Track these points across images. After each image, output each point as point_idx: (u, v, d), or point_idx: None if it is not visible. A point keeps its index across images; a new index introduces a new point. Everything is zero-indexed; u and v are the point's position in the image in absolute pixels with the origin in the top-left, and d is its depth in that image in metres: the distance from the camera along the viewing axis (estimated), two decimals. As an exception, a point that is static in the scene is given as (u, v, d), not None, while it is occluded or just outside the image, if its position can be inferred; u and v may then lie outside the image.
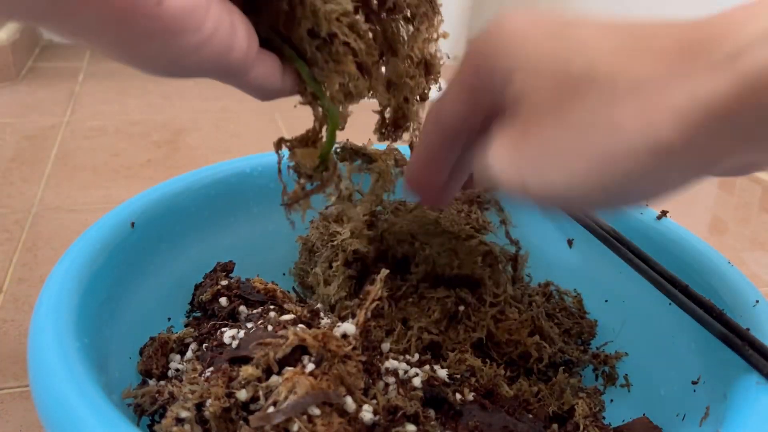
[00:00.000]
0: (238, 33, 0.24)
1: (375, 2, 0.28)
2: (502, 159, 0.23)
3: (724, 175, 0.24)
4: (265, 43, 0.26)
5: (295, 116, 0.43)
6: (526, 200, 0.23)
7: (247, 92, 0.27)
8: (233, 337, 0.30)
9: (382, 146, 0.37)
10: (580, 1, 1.26)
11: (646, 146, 0.18)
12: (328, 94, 0.27)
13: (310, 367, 0.26)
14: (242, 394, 0.26)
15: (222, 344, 0.30)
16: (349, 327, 0.28)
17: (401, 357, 0.32)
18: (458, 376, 0.33)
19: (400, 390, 0.28)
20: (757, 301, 0.33)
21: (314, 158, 0.28)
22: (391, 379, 0.29)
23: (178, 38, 0.22)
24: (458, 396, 0.30)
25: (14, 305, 0.51)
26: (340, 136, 0.30)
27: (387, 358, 0.30)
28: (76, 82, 1.10)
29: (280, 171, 0.29)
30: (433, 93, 0.30)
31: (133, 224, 0.37)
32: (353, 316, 0.34)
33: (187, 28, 0.22)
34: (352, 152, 0.36)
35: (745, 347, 0.30)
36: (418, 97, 0.31)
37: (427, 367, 0.31)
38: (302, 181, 0.29)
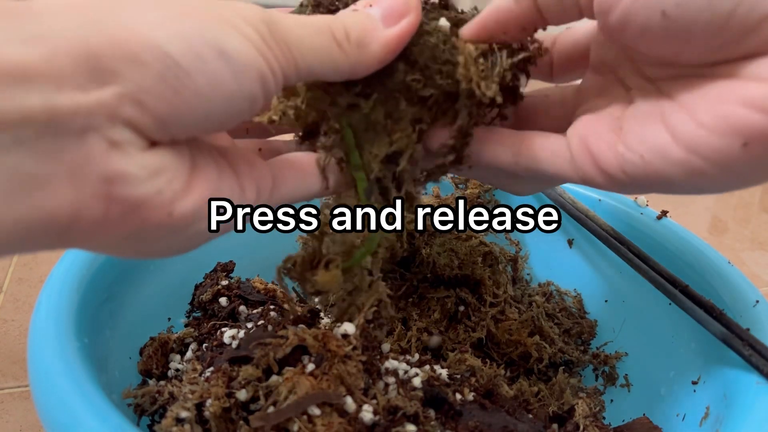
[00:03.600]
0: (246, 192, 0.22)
1: None
2: None
3: None
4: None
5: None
6: None
7: None
8: (233, 337, 0.30)
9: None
10: None
11: None
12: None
13: (310, 367, 0.26)
14: (242, 394, 0.26)
15: (222, 344, 0.30)
16: (349, 327, 0.28)
17: (401, 357, 0.32)
18: (458, 376, 0.32)
19: (400, 390, 0.28)
20: (757, 301, 0.33)
21: (338, 280, 0.26)
22: (391, 379, 0.29)
23: (185, 232, 0.20)
24: (458, 396, 0.30)
25: (14, 305, 0.51)
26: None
27: (387, 358, 0.30)
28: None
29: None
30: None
31: (133, 224, 0.37)
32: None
33: (195, 223, 0.20)
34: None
35: (745, 347, 0.30)
36: None
37: (427, 367, 0.31)
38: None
